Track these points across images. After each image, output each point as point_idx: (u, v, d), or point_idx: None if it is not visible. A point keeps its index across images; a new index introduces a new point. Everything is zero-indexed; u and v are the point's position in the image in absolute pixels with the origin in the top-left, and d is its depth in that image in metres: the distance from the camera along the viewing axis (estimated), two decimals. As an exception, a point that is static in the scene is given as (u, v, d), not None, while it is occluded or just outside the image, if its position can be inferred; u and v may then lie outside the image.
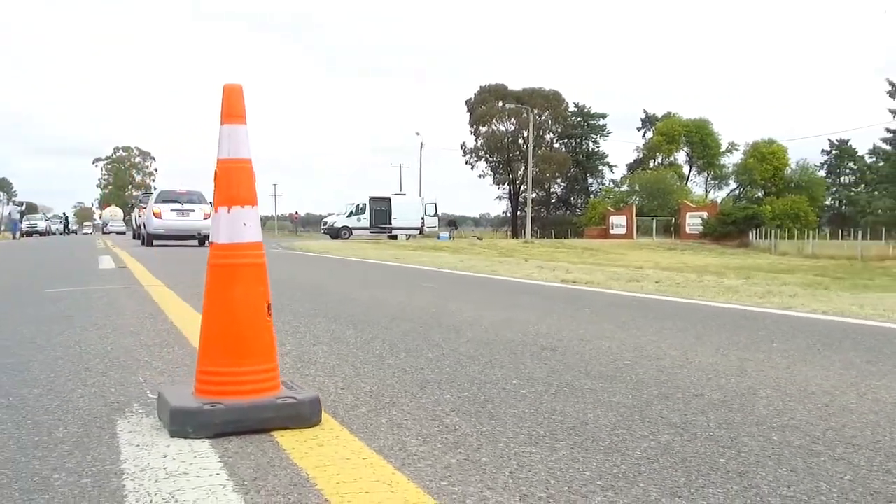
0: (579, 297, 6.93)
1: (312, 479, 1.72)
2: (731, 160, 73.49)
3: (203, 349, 2.20)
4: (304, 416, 2.13)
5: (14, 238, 39.48)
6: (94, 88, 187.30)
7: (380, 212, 48.81)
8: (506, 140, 77.52)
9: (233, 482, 1.70)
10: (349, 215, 48.60)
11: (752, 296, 7.58)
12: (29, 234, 47.39)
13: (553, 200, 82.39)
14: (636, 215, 55.49)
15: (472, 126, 78.61)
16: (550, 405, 2.46)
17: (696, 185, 74.93)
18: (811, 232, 49.38)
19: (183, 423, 2.04)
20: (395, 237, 44.68)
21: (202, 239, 21.35)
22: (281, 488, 1.67)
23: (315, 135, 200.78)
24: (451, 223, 59.26)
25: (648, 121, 79.20)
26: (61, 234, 59.72)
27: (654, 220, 55.75)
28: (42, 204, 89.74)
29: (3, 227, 56.09)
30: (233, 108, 2.21)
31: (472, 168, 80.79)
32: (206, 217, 21.77)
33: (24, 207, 46.93)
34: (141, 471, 1.79)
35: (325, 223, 51.08)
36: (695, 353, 3.51)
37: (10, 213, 46.40)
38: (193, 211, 21.99)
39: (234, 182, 2.20)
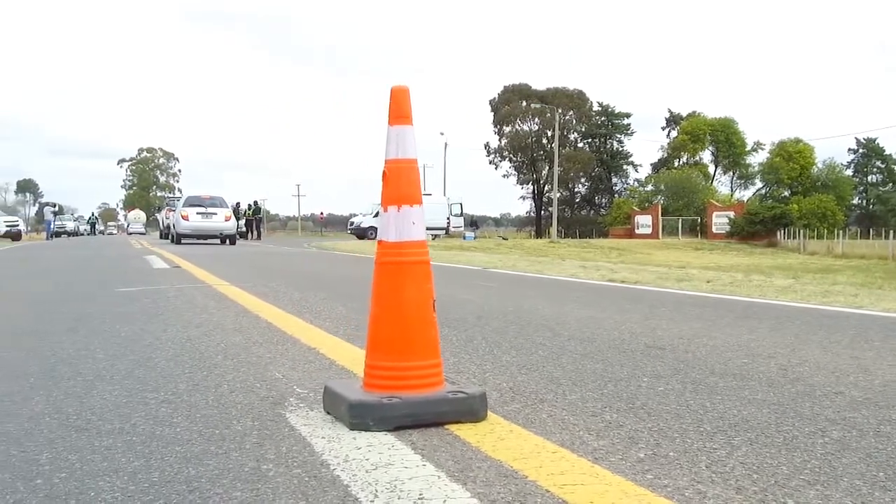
0: (642, 297, 6.94)
1: (520, 471, 1.76)
2: (756, 159, 73.15)
3: (371, 344, 2.25)
4: (475, 410, 2.18)
5: (47, 238, 39.90)
6: (119, 90, 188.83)
7: (405, 212, 48.79)
8: (530, 140, 77.46)
9: (443, 472, 1.75)
10: (375, 215, 48.60)
11: (814, 295, 7.55)
12: (58, 234, 47.86)
13: (577, 200, 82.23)
14: (661, 215, 55.26)
15: (495, 126, 78.66)
16: (698, 402, 2.49)
17: (722, 184, 74.65)
18: (839, 231, 48.93)
19: (363, 417, 2.09)
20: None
21: (223, 238, 25.20)
22: (495, 479, 1.71)
23: (337, 135, 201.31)
24: (473, 223, 59.21)
25: (673, 120, 78.88)
26: (89, 234, 60.28)
27: (680, 220, 55.50)
28: (67, 204, 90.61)
29: (29, 228, 56.70)
30: (400, 109, 2.26)
31: (495, 168, 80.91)
32: (227, 219, 25.29)
33: (56, 208, 47.42)
34: (345, 461, 1.84)
35: (352, 223, 51.16)
36: (804, 352, 3.53)
37: (44, 214, 46.94)
38: (216, 214, 25.30)
39: (402, 181, 2.25)
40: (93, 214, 70.56)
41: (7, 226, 38.16)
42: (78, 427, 2.19)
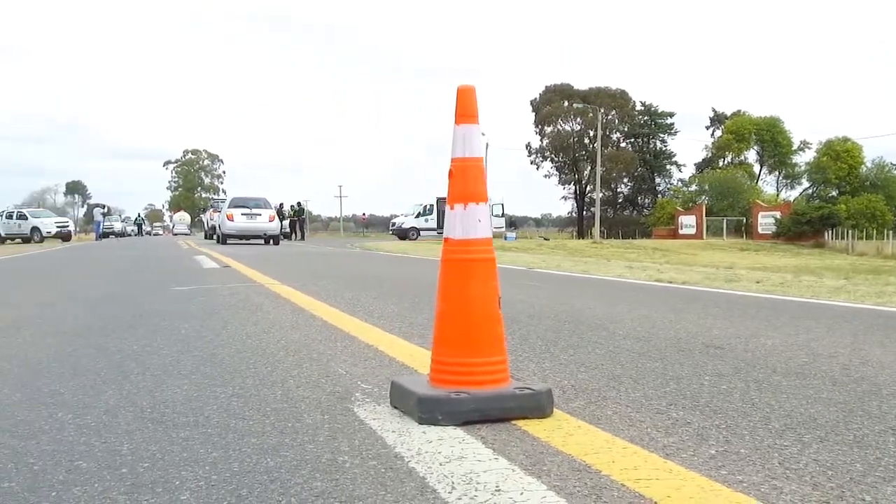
0: (693, 297, 6.89)
1: (592, 465, 1.78)
2: (803, 159, 71.84)
3: (438, 340, 2.28)
4: (541, 406, 2.20)
5: (96, 239, 40.70)
6: (166, 92, 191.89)
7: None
8: (572, 140, 77.10)
9: (517, 466, 1.77)
10: (417, 216, 48.87)
11: (867, 296, 7.42)
12: (106, 235, 48.73)
13: (620, 200, 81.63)
14: (706, 215, 54.63)
15: (537, 126, 78.44)
16: (764, 400, 2.48)
17: (767, 184, 73.48)
18: (889, 232, 47.90)
19: (432, 411, 2.13)
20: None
21: (267, 238, 25.92)
22: (568, 473, 1.73)
23: (379, 136, 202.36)
24: (511, 224, 59.08)
25: (717, 119, 77.90)
26: (136, 235, 61.31)
27: (725, 220, 54.82)
28: (114, 205, 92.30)
29: (78, 229, 57.84)
30: (466, 108, 2.29)
31: (537, 168, 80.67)
32: (271, 220, 25.95)
33: (105, 209, 48.36)
34: (417, 454, 1.87)
35: (394, 224, 51.44)
36: (865, 352, 3.48)
37: (93, 216, 47.93)
38: (260, 215, 25.92)
39: (469, 179, 2.27)
40: (139, 215, 71.89)
41: (58, 226, 39.06)
42: (154, 419, 2.25)
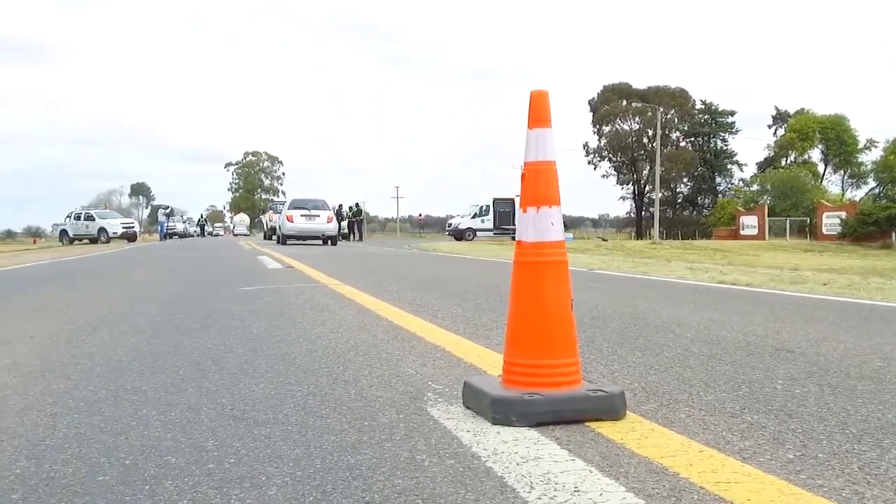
0: (759, 299, 6.78)
1: (669, 467, 1.79)
2: (869, 157, 69.85)
3: (511, 342, 2.31)
4: (615, 408, 2.21)
5: (160, 240, 41.68)
6: (226, 95, 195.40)
7: (503, 213, 48.80)
8: (630, 139, 76.34)
9: (594, 467, 1.79)
10: (473, 217, 48.90)
11: (943, 299, 7.22)
12: (170, 235, 49.85)
13: (679, 200, 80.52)
14: (768, 215, 53.57)
15: (594, 126, 77.84)
16: (839, 405, 2.45)
17: (832, 183, 71.63)
18: (962, 233, 46.32)
19: (506, 412, 2.15)
20: (518, 238, 44.62)
21: (325, 239, 26.55)
22: (646, 475, 1.74)
23: (434, 137, 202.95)
24: (567, 224, 58.65)
25: (780, 117, 76.30)
26: (198, 235, 62.51)
27: (788, 221, 53.67)
28: (176, 206, 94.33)
29: (142, 230, 59.20)
30: (540, 112, 2.32)
31: (594, 168, 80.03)
32: (329, 221, 26.47)
33: (169, 211, 49.54)
34: (494, 454, 1.90)
35: (450, 225, 51.60)
36: (943, 357, 3.41)
37: (157, 217, 49.13)
38: (318, 216, 26.57)
39: (541, 183, 2.30)
40: (202, 216, 73.30)
41: (124, 227, 40.13)
42: (235, 416, 2.33)
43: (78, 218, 40.54)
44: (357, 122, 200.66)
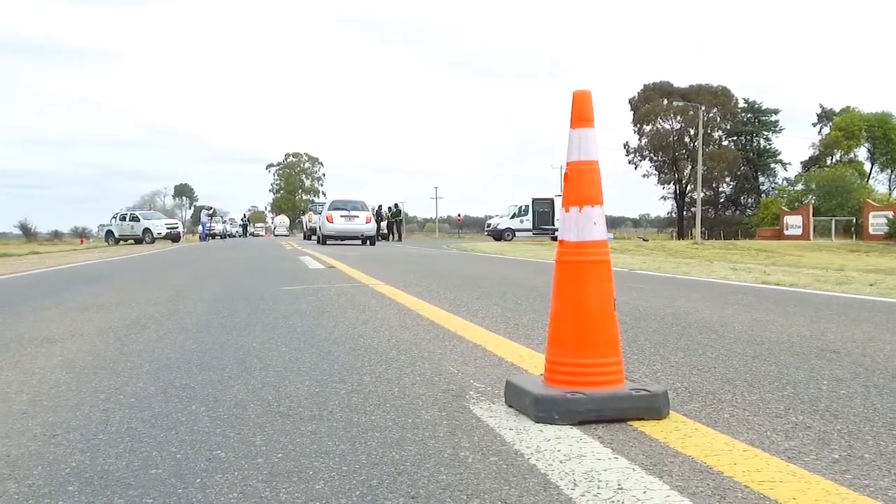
0: (804, 300, 6.70)
1: (713, 466, 1.79)
2: (918, 155, 68.45)
3: (553, 341, 2.32)
4: (658, 407, 2.21)
5: (201, 240, 42.26)
6: (268, 97, 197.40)
7: (542, 213, 48.62)
8: (671, 138, 75.64)
9: (637, 466, 1.80)
10: (512, 217, 48.78)
11: None
12: (211, 236, 50.50)
13: (721, 200, 79.58)
14: (813, 215, 52.72)
15: (635, 125, 77.27)
16: (886, 406, 2.42)
17: (879, 182, 70.35)
18: None
19: (549, 410, 2.17)
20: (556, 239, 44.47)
21: (364, 239, 27.16)
22: (690, 474, 1.75)
23: (473, 137, 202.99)
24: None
25: (825, 116, 75.07)
26: (241, 236, 63.26)
27: (833, 221, 52.77)
28: (219, 207, 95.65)
29: (185, 230, 60.07)
30: (582, 112, 2.33)
31: (635, 168, 79.48)
32: (368, 221, 26.96)
33: (212, 211, 50.24)
34: (537, 451, 1.92)
35: (489, 225, 51.54)
36: None
37: (200, 217, 49.84)
38: (357, 217, 26.97)
39: (584, 183, 2.31)
40: (244, 216, 74.21)
41: (168, 228, 40.77)
42: (281, 413, 2.37)
43: (123, 219, 41.28)
44: (397, 122, 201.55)
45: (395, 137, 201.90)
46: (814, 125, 77.01)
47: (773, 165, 78.25)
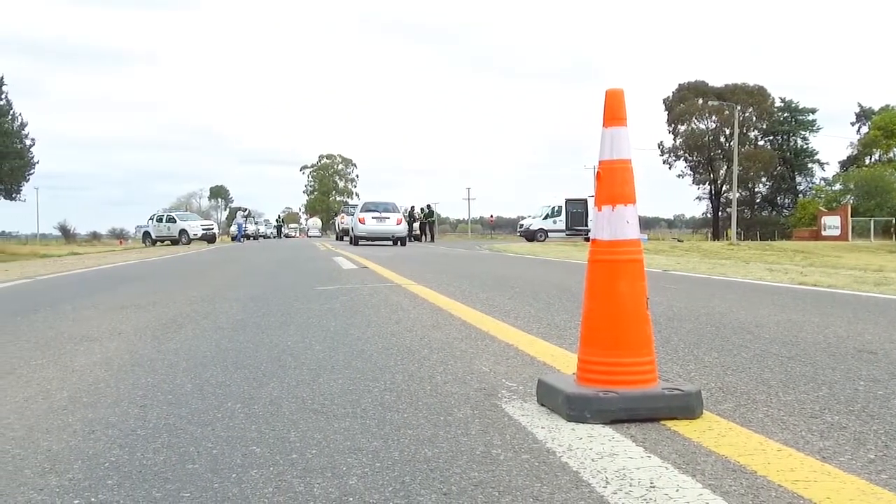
0: (841, 301, 6.60)
1: (747, 466, 1.78)
2: (960, 155, 67.12)
3: (585, 340, 2.32)
4: (691, 407, 2.20)
5: (237, 241, 42.68)
6: (302, 99, 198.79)
7: (576, 214, 48.36)
8: (706, 138, 74.93)
9: (670, 464, 1.80)
10: (545, 218, 48.60)
11: None
12: (246, 237, 50.93)
13: (758, 201, 78.64)
14: (851, 215, 51.91)
15: (669, 125, 76.65)
16: (925, 407, 2.39)
17: (920, 182, 69.00)
18: None
19: (581, 409, 2.17)
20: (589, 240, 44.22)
21: (395, 240, 27.64)
22: (723, 473, 1.74)
23: (506, 138, 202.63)
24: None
25: (864, 115, 73.87)
26: (275, 237, 63.68)
27: (872, 221, 51.94)
28: (254, 208, 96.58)
29: (220, 231, 60.71)
30: (615, 111, 2.32)
31: (669, 168, 78.81)
32: (399, 223, 27.49)
33: (247, 213, 50.76)
34: (569, 450, 1.92)
35: (521, 226, 51.43)
36: None
37: (236, 218, 50.35)
38: (388, 218, 27.62)
39: (617, 181, 2.31)
40: (279, 217, 74.74)
41: (203, 229, 41.25)
42: (315, 410, 2.40)
43: (160, 220, 41.83)
44: (430, 124, 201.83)
45: (428, 139, 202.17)
46: (852, 124, 75.93)
47: (810, 165, 77.20)
